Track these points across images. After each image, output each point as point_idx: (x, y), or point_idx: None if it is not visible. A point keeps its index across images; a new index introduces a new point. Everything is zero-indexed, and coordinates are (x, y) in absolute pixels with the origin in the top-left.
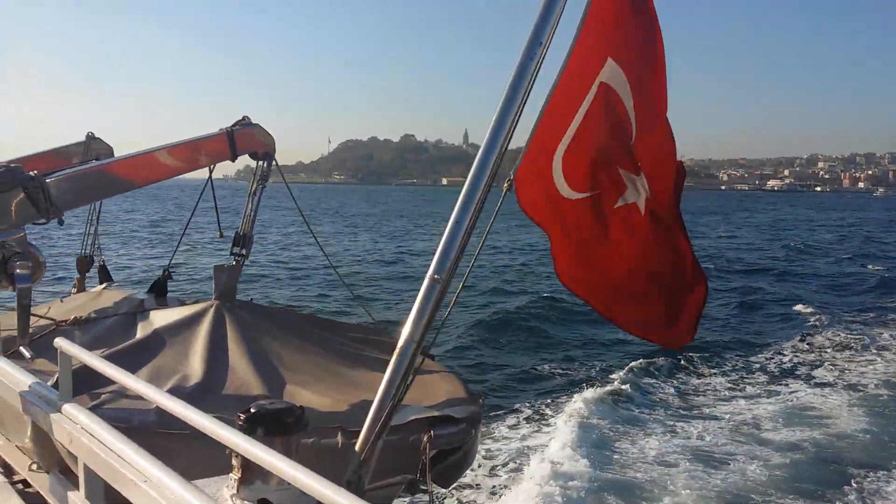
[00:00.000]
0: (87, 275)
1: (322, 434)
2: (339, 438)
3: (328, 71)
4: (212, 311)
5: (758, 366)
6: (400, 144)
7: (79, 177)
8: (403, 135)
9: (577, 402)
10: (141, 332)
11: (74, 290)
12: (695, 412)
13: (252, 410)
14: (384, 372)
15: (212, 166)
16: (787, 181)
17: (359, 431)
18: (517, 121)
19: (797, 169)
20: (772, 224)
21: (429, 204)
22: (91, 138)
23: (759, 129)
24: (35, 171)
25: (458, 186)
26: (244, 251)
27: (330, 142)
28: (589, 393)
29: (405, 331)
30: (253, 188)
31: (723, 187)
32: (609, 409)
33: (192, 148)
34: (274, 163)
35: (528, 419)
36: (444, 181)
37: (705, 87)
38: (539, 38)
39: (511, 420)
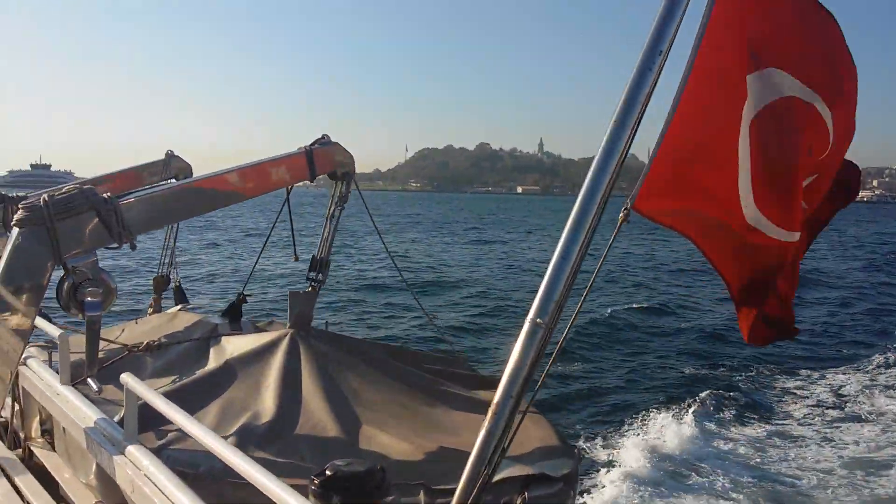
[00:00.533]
0: (164, 295)
1: (403, 491)
2: (422, 498)
3: (406, 79)
4: (286, 340)
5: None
6: (475, 153)
7: (153, 199)
8: (479, 143)
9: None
10: (213, 360)
11: (150, 310)
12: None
13: (328, 473)
14: (465, 410)
15: (289, 187)
16: (877, 192)
17: (442, 490)
18: (633, 137)
19: (886, 179)
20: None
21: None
22: (171, 156)
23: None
24: (108, 193)
25: (531, 195)
26: (321, 276)
27: (407, 150)
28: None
29: (502, 384)
30: (331, 210)
31: None
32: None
33: (269, 168)
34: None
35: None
36: (519, 189)
37: None
38: (658, 46)
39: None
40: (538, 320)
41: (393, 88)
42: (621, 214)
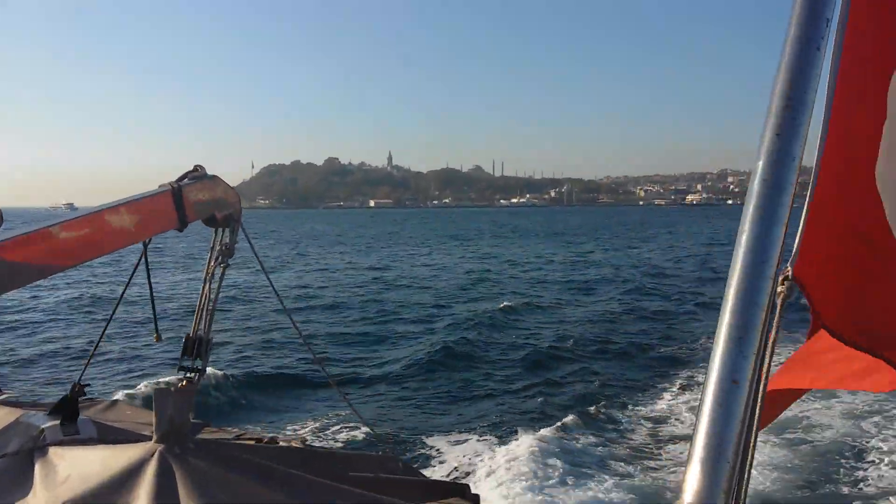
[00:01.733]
0: None
1: None
2: None
3: (247, 93)
4: (152, 463)
5: None
6: (324, 168)
7: None
8: (327, 158)
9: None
10: (40, 489)
11: None
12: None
13: None
14: None
15: (146, 241)
16: (703, 195)
17: None
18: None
19: (709, 184)
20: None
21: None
22: None
23: (670, 145)
24: None
25: (384, 208)
26: (199, 364)
27: (253, 166)
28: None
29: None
30: (210, 268)
31: (641, 202)
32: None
33: (107, 218)
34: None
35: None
36: (372, 203)
37: (616, 105)
38: (824, 12)
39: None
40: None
41: (233, 102)
42: (781, 287)
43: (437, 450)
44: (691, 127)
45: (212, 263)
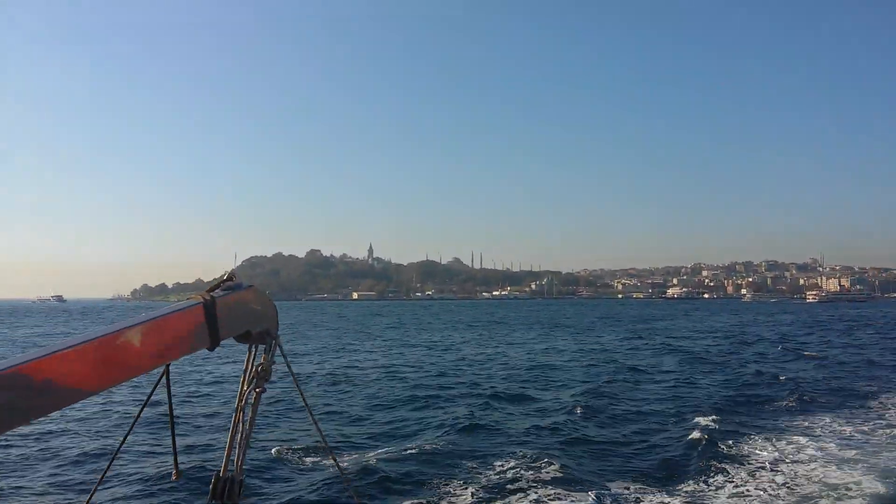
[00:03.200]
0: None
1: None
2: None
3: (229, 186)
4: None
5: None
6: (306, 259)
7: None
8: (309, 250)
9: None
10: None
11: None
12: None
13: None
14: None
15: (167, 365)
16: (684, 289)
17: None
18: None
19: (684, 277)
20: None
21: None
22: None
23: (644, 239)
24: None
25: (368, 300)
26: None
27: (236, 258)
28: None
29: None
30: (244, 393)
31: (620, 296)
32: None
33: (135, 339)
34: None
35: None
36: (355, 295)
37: (590, 199)
38: None
39: None
40: None
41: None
42: None
43: None
44: (665, 221)
45: (245, 388)
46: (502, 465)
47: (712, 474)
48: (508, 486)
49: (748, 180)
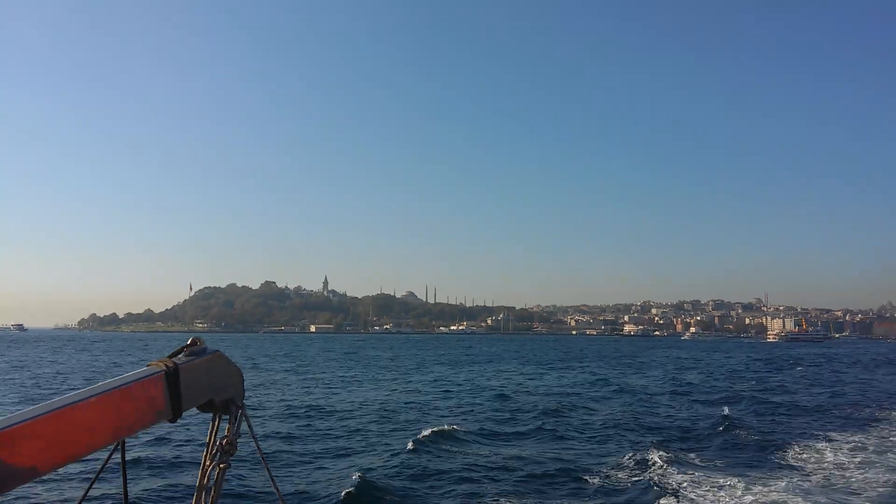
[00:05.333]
0: None
1: None
2: None
3: (177, 218)
4: None
5: None
6: (261, 291)
7: None
8: (264, 281)
9: None
10: None
11: None
12: None
13: None
14: None
15: (122, 439)
16: (640, 327)
17: None
18: None
19: (635, 315)
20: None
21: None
22: None
23: (595, 276)
24: None
25: (325, 333)
26: None
27: (191, 288)
28: None
29: None
30: (206, 469)
31: (574, 332)
32: None
33: (86, 415)
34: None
35: None
36: (312, 328)
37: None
38: None
39: None
40: None
41: (171, 225)
42: None
43: None
44: (615, 258)
45: (208, 462)
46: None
47: None
48: None
49: (696, 219)
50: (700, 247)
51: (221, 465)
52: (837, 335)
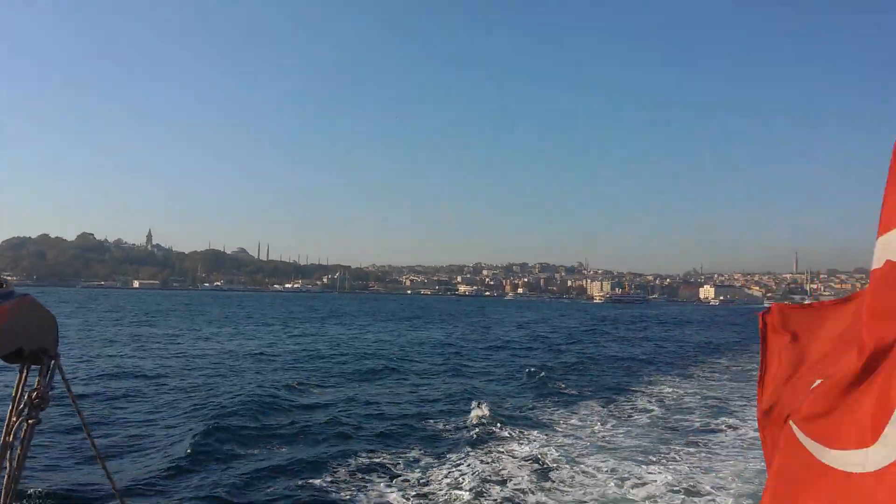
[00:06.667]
0: None
1: None
2: None
3: None
4: None
5: None
6: (77, 243)
7: None
8: (81, 233)
9: None
10: None
11: None
12: None
13: None
14: None
15: None
16: (473, 288)
17: None
18: None
19: (467, 276)
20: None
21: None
22: None
23: (429, 237)
24: None
25: (150, 289)
26: None
27: None
28: None
29: None
30: (13, 424)
31: (409, 292)
32: None
33: None
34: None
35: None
36: (136, 283)
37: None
38: None
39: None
40: None
41: None
42: None
43: None
44: (448, 222)
45: (14, 418)
46: None
47: None
48: None
49: (526, 187)
50: (530, 213)
51: (30, 421)
52: (651, 297)
